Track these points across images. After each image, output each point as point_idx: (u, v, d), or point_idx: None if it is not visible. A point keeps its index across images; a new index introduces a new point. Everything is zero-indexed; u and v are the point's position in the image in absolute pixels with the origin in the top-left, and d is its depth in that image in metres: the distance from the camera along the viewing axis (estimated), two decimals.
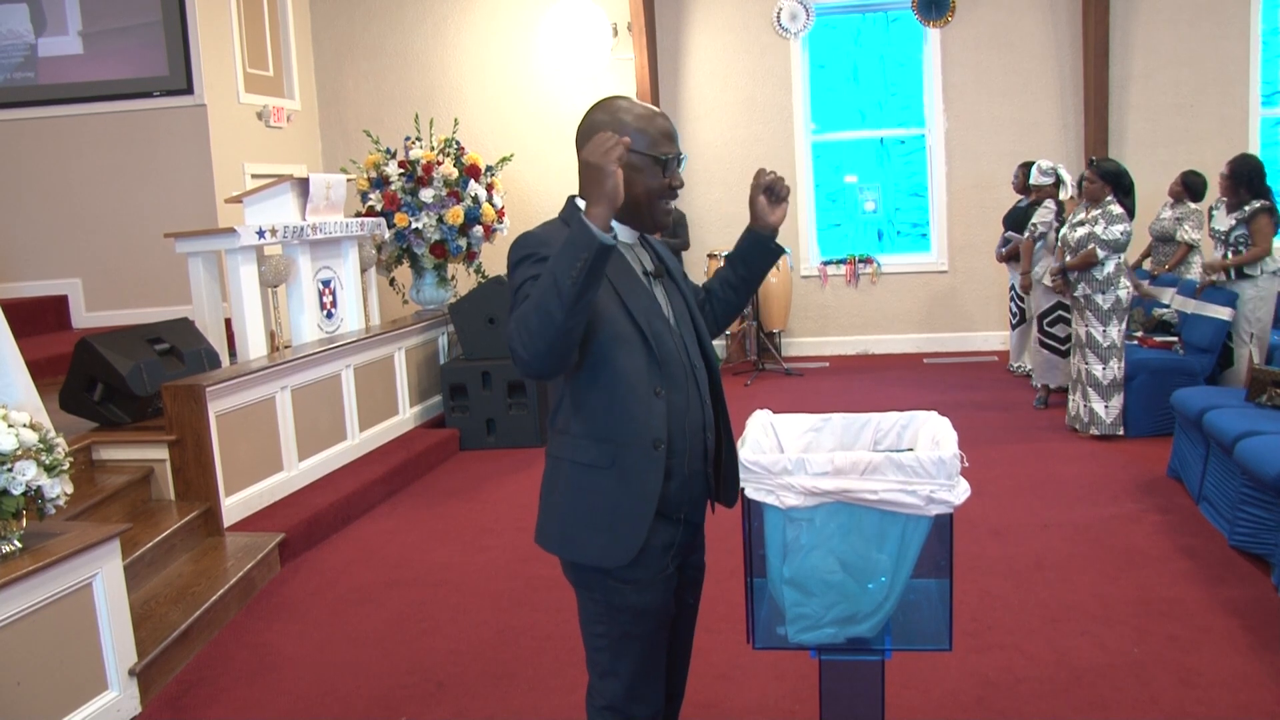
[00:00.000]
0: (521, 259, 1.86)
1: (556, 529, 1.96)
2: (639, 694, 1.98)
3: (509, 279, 1.89)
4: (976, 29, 8.48)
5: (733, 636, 3.34)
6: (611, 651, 1.96)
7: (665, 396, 1.91)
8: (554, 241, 1.81)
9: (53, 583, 2.93)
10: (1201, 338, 5.79)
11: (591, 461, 1.91)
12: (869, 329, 8.95)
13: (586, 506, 1.91)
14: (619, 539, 1.90)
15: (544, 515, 2.00)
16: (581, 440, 1.92)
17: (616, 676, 1.97)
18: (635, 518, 1.89)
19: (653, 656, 1.99)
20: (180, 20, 7.20)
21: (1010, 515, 4.53)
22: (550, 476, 2.00)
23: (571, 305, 1.69)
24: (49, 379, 4.92)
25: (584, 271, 1.69)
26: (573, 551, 1.94)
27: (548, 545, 1.99)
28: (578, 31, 8.62)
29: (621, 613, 1.94)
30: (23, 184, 7.29)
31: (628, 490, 1.89)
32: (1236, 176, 5.79)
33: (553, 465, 1.99)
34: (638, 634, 1.95)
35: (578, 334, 1.76)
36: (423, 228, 7.02)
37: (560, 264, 1.70)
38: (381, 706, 3.16)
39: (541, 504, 2.01)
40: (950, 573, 2.00)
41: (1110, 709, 2.88)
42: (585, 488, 1.92)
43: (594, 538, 1.91)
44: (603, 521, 1.90)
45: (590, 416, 1.90)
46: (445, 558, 4.45)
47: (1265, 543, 3.76)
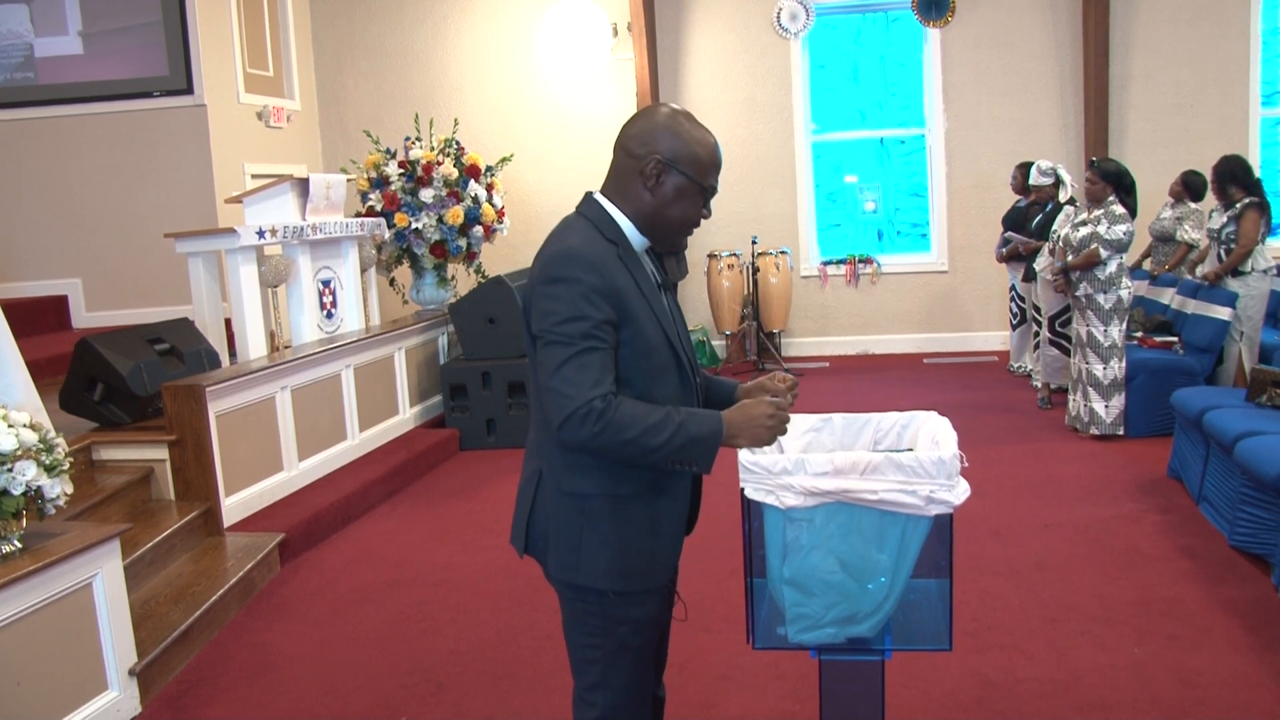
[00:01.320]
0: (567, 279, 1.75)
1: (596, 565, 1.86)
2: (630, 705, 1.98)
3: (546, 288, 1.77)
4: (976, 29, 8.47)
5: (733, 636, 3.34)
6: (604, 664, 1.94)
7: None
8: (605, 265, 1.77)
9: (53, 583, 2.93)
10: (1201, 338, 5.79)
11: (629, 490, 1.86)
12: (869, 329, 8.95)
13: (627, 535, 1.87)
14: (658, 560, 1.91)
15: (568, 553, 1.88)
16: (618, 471, 1.84)
17: (608, 688, 1.95)
18: (673, 537, 1.93)
19: (644, 666, 1.99)
20: (180, 20, 7.20)
21: (1010, 515, 4.53)
22: (571, 515, 1.88)
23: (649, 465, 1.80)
24: (49, 379, 4.92)
25: (684, 468, 1.80)
26: (623, 581, 1.88)
27: (585, 581, 1.88)
28: (578, 31, 8.62)
29: (620, 625, 1.92)
30: (23, 184, 7.28)
31: (665, 512, 1.91)
32: (1220, 177, 5.93)
33: (572, 503, 1.87)
34: (634, 645, 1.95)
35: None
36: (423, 228, 7.02)
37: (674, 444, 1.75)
38: (381, 706, 3.16)
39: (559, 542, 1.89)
40: (950, 573, 2.00)
41: (1110, 709, 2.88)
42: (626, 518, 1.87)
43: (638, 563, 1.89)
44: (645, 546, 1.89)
45: None
46: (445, 558, 4.45)
47: (1265, 543, 3.76)
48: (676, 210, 1.87)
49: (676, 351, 1.90)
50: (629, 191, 1.87)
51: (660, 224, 1.88)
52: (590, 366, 1.72)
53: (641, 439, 1.72)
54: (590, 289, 1.74)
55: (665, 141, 1.83)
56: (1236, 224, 5.77)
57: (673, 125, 1.85)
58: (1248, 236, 5.72)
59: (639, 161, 1.84)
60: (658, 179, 1.84)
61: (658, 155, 1.83)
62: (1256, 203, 5.77)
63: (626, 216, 1.88)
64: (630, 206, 1.88)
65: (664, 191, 1.85)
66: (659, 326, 1.86)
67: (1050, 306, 6.56)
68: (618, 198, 1.89)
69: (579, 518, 1.87)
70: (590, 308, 1.73)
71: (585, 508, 1.87)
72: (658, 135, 1.84)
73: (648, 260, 1.97)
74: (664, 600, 1.99)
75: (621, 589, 1.88)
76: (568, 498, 1.88)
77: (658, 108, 1.89)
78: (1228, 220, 5.83)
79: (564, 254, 1.78)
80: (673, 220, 1.88)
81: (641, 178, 1.85)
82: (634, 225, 1.89)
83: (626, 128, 1.89)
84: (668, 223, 1.88)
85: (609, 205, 1.89)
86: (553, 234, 1.89)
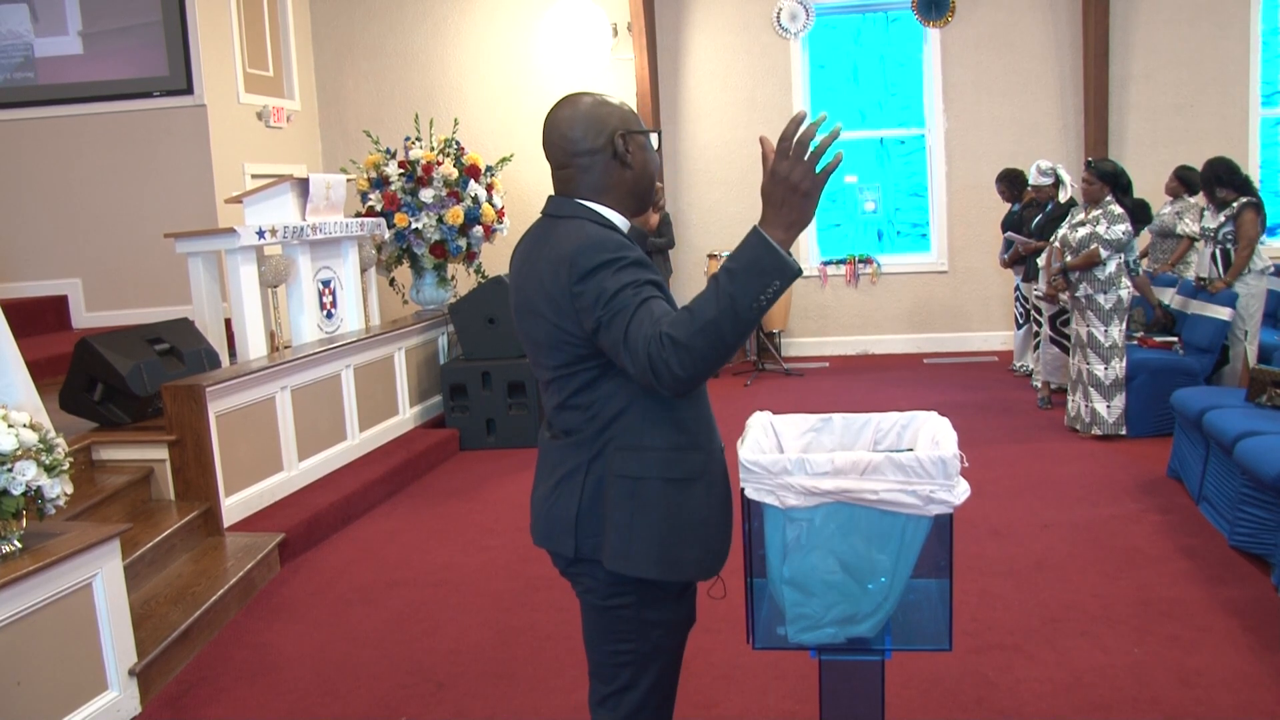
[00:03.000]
0: (603, 264, 1.73)
1: (650, 552, 1.83)
2: (658, 706, 1.96)
3: (584, 284, 1.73)
4: (976, 29, 8.48)
5: (733, 636, 3.34)
6: (636, 667, 1.91)
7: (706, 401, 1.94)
8: (627, 246, 1.77)
9: (53, 583, 2.93)
10: (1201, 338, 5.79)
11: (685, 474, 1.84)
12: (869, 329, 8.95)
13: (683, 522, 1.84)
14: (711, 551, 1.88)
15: (623, 541, 1.84)
16: (670, 454, 1.83)
17: (635, 690, 1.92)
18: (724, 526, 1.90)
19: (673, 667, 1.98)
20: (180, 20, 7.20)
21: (1010, 515, 4.53)
22: (626, 498, 1.83)
23: (746, 331, 1.62)
24: (49, 379, 4.92)
25: (771, 299, 1.60)
26: (675, 571, 1.84)
27: (639, 570, 1.84)
28: (578, 31, 8.62)
29: (655, 628, 1.90)
30: (23, 184, 7.28)
31: (715, 499, 1.88)
32: (1207, 180, 5.98)
33: (628, 485, 1.83)
34: (668, 646, 1.94)
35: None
36: (422, 228, 7.02)
37: (742, 287, 1.59)
38: (381, 706, 3.16)
39: (613, 530, 1.84)
40: (950, 573, 2.00)
41: (1110, 709, 2.88)
42: (680, 503, 1.83)
43: (693, 553, 1.85)
44: (699, 534, 1.86)
45: (680, 428, 1.84)
46: (445, 558, 4.45)
47: (1265, 543, 3.76)
48: (652, 166, 1.93)
49: None
50: (607, 183, 1.89)
51: (647, 186, 1.93)
52: (650, 316, 1.68)
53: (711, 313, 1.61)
54: (629, 262, 1.75)
55: (613, 118, 1.88)
56: (1234, 224, 5.80)
57: (600, 104, 1.90)
58: (1248, 236, 5.75)
59: (604, 150, 1.87)
60: (628, 150, 1.88)
61: (619, 132, 1.87)
62: (1253, 202, 5.81)
63: (611, 207, 1.89)
64: (614, 195, 1.89)
65: (638, 156, 1.90)
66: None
67: (1052, 305, 6.57)
68: (595, 194, 1.89)
69: (631, 502, 1.83)
70: (635, 273, 1.74)
71: (641, 492, 1.83)
72: (605, 117, 1.88)
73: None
74: (694, 599, 1.99)
75: (670, 578, 1.85)
76: (621, 481, 1.84)
77: (573, 102, 1.90)
78: (1225, 220, 5.86)
79: (588, 245, 1.76)
80: (651, 175, 1.94)
81: (616, 159, 1.88)
82: (618, 211, 1.90)
83: (563, 134, 1.88)
84: (650, 180, 1.94)
85: (590, 204, 1.89)
86: (540, 241, 1.87)
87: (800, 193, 1.62)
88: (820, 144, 1.61)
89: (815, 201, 1.64)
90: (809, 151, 1.62)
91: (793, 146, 1.62)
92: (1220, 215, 5.93)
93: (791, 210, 1.63)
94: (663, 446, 1.83)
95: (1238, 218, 5.80)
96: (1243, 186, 5.90)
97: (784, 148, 1.63)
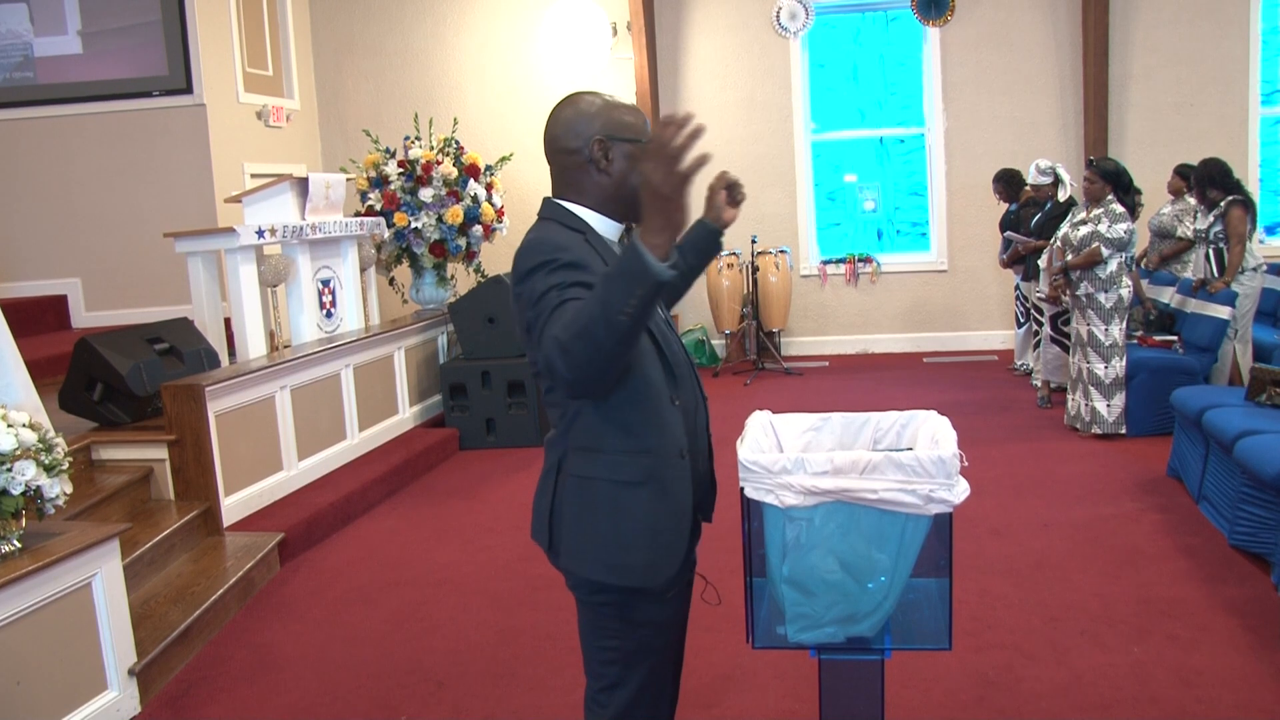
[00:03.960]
0: (538, 265, 1.74)
1: (598, 554, 1.84)
2: (649, 705, 1.95)
3: (522, 286, 1.77)
4: (976, 28, 8.47)
5: (733, 636, 3.34)
6: (623, 665, 1.91)
7: (680, 404, 1.89)
8: (571, 247, 1.76)
9: (52, 583, 2.93)
10: (1201, 337, 5.80)
11: (631, 478, 1.83)
12: (868, 328, 8.95)
13: (628, 527, 1.83)
14: (661, 557, 1.85)
15: (575, 540, 1.86)
16: (618, 456, 1.83)
17: (624, 688, 1.92)
18: (675, 533, 1.86)
19: (664, 667, 1.97)
20: (179, 20, 7.20)
21: (1010, 515, 4.53)
22: (577, 498, 1.86)
23: (624, 337, 1.58)
24: (49, 379, 4.91)
25: (639, 306, 1.55)
26: (618, 575, 1.84)
27: (588, 571, 1.86)
28: (578, 31, 8.62)
29: (641, 627, 1.89)
30: (22, 184, 7.28)
31: (666, 505, 1.85)
32: (1200, 181, 6.07)
33: (580, 486, 1.86)
34: (655, 646, 1.93)
35: (627, 359, 1.66)
36: (422, 227, 7.02)
37: (611, 292, 1.56)
38: (381, 706, 3.16)
39: (568, 529, 1.87)
40: (950, 572, 2.00)
41: (1110, 709, 2.88)
42: (625, 507, 1.83)
43: (637, 558, 1.84)
44: (644, 541, 1.84)
45: (627, 431, 1.82)
46: (445, 558, 4.45)
47: (1265, 542, 3.76)
48: (635, 177, 1.87)
49: (654, 335, 1.87)
50: (584, 185, 1.89)
51: (627, 195, 1.89)
52: (557, 321, 1.67)
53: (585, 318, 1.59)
54: (562, 264, 1.74)
55: (595, 122, 1.86)
56: (1223, 223, 5.89)
57: (593, 107, 1.88)
58: (1238, 233, 5.83)
59: (580, 152, 1.87)
60: (606, 157, 1.86)
61: (596, 137, 1.86)
62: (1239, 200, 5.92)
63: (589, 208, 1.89)
64: (591, 197, 1.89)
65: (616, 166, 1.87)
66: None
67: (1053, 304, 6.57)
68: (574, 195, 1.90)
69: (581, 502, 1.86)
70: (564, 274, 1.73)
71: (589, 493, 1.85)
72: (585, 121, 1.87)
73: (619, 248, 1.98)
74: (683, 601, 1.97)
75: (617, 583, 1.85)
76: (575, 481, 1.86)
77: (571, 100, 1.91)
78: (1214, 220, 5.95)
79: (528, 247, 1.79)
80: (633, 185, 1.89)
81: (591, 164, 1.87)
82: (600, 213, 1.90)
83: (550, 131, 1.91)
84: (633, 191, 1.88)
85: (567, 203, 1.91)
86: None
87: (662, 196, 1.54)
88: (678, 145, 1.52)
89: (678, 205, 1.54)
90: (668, 152, 1.53)
91: (655, 148, 1.54)
92: (1209, 216, 6.00)
93: (658, 215, 1.56)
94: (611, 449, 1.83)
95: (1225, 216, 5.88)
96: (1233, 188, 5.99)
97: (649, 149, 1.57)
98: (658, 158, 1.54)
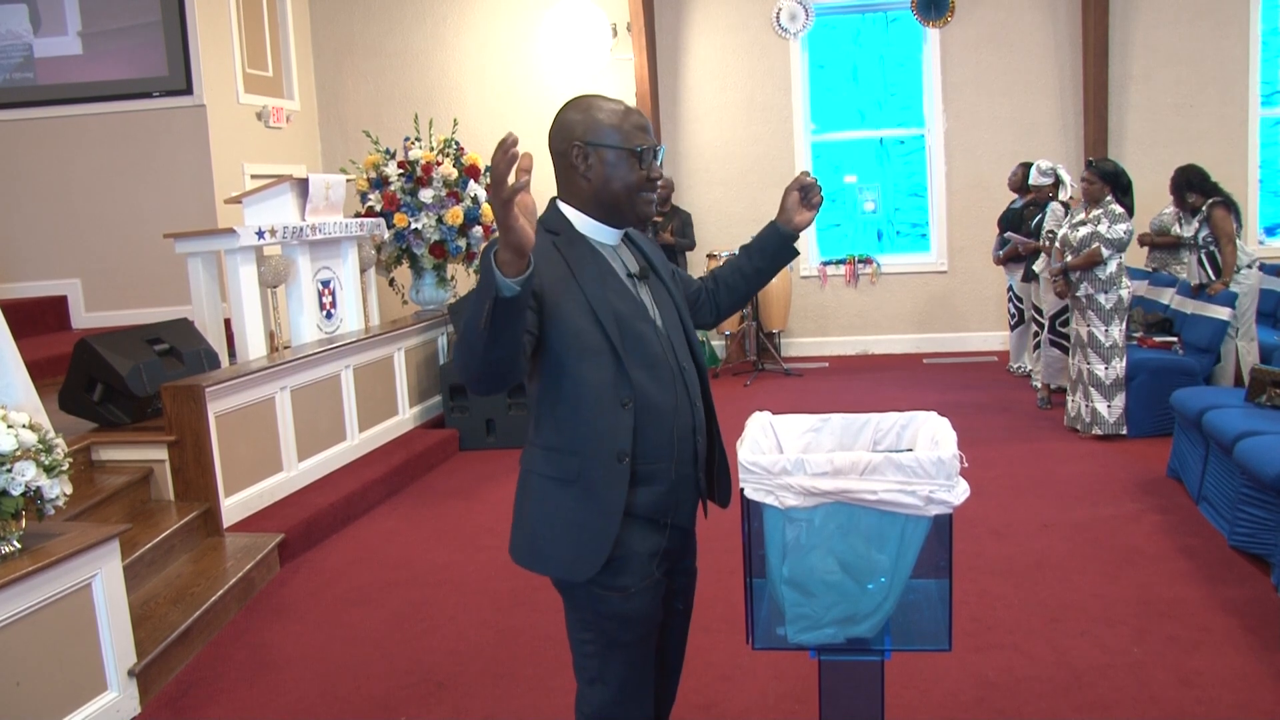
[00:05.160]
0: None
1: (525, 542, 1.96)
2: (627, 701, 1.98)
3: None
4: (976, 29, 8.48)
5: (733, 636, 3.34)
6: (599, 658, 1.96)
7: (632, 407, 1.88)
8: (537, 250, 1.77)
9: (52, 583, 2.93)
10: (1201, 338, 5.80)
11: (556, 475, 1.91)
12: (868, 329, 8.95)
13: (551, 520, 1.91)
14: (583, 553, 1.89)
15: (515, 528, 2.00)
16: (548, 453, 1.92)
17: (604, 683, 1.97)
18: (599, 533, 1.88)
19: (641, 663, 1.99)
20: (180, 20, 7.20)
21: (1010, 515, 4.53)
22: (520, 489, 2.00)
23: (490, 343, 1.62)
24: (49, 379, 4.92)
25: (489, 316, 1.59)
26: (540, 565, 1.94)
27: (517, 558, 1.98)
28: (577, 31, 8.62)
29: (608, 620, 1.93)
30: (22, 184, 7.28)
31: (591, 505, 1.88)
32: (1178, 188, 6.19)
33: (523, 478, 1.99)
34: (626, 641, 1.95)
35: (510, 361, 1.69)
36: (422, 228, 7.01)
37: (472, 302, 1.63)
38: (381, 707, 3.16)
39: (514, 516, 2.02)
40: (950, 573, 2.00)
41: (1110, 709, 2.88)
42: (550, 501, 1.92)
43: (559, 551, 1.91)
44: (567, 536, 1.90)
45: (555, 429, 1.91)
46: (445, 558, 4.45)
47: (1265, 543, 3.76)
48: (617, 182, 1.91)
49: (610, 339, 1.87)
50: (572, 187, 1.95)
51: (609, 200, 1.93)
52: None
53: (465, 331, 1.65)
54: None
55: (579, 127, 1.91)
56: (1208, 226, 5.95)
57: (580, 110, 1.93)
58: (1226, 232, 5.87)
59: (566, 155, 1.92)
60: (586, 161, 1.91)
61: (577, 141, 1.90)
62: (1220, 201, 6.00)
63: (578, 210, 1.95)
64: (578, 199, 1.95)
65: (597, 170, 1.91)
66: (589, 311, 1.86)
67: (1051, 306, 6.57)
68: (567, 196, 1.97)
69: (521, 493, 1.99)
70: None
71: (526, 484, 1.98)
72: (570, 125, 1.92)
73: (624, 251, 2.01)
74: (651, 598, 1.96)
75: (539, 571, 1.95)
76: (521, 473, 2.00)
77: (569, 103, 1.96)
78: (1200, 224, 6.01)
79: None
80: (618, 192, 1.92)
81: (574, 169, 1.92)
82: (589, 216, 1.95)
83: (549, 133, 1.96)
84: (615, 196, 1.92)
85: (562, 204, 1.97)
86: None
87: (497, 217, 1.55)
88: (497, 172, 1.51)
89: (506, 225, 1.53)
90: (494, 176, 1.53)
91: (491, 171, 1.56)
92: (1194, 221, 6.07)
93: (500, 233, 1.58)
94: (542, 445, 1.94)
95: (1209, 219, 5.94)
96: (1211, 191, 6.09)
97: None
98: (491, 182, 1.54)
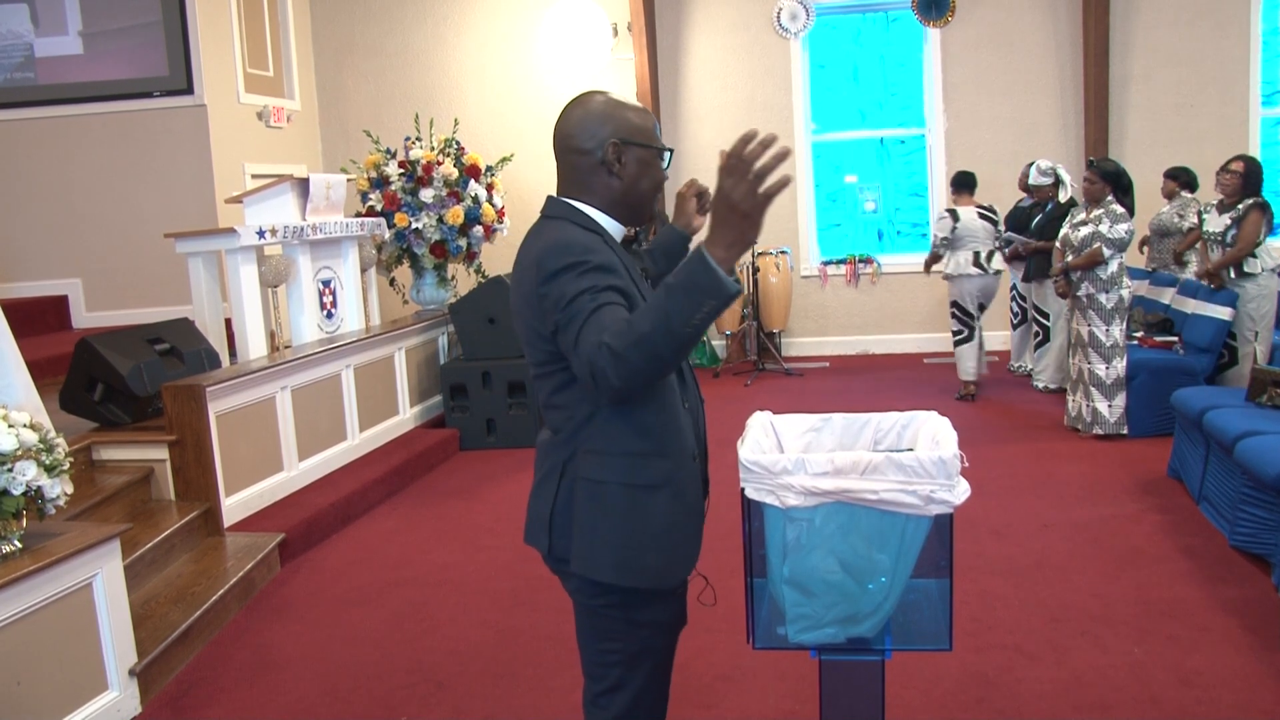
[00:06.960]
0: (566, 267, 1.73)
1: (610, 556, 1.83)
2: (647, 705, 1.96)
3: (548, 286, 1.74)
4: (976, 29, 8.48)
5: (733, 636, 3.34)
6: (624, 666, 1.92)
7: (689, 407, 1.92)
8: (596, 249, 1.76)
9: (53, 583, 2.93)
10: (1201, 337, 5.79)
11: (649, 481, 1.83)
12: (869, 329, 8.95)
13: (644, 529, 1.83)
14: (677, 558, 1.87)
15: (587, 543, 1.84)
16: (631, 459, 1.83)
17: (625, 690, 1.93)
18: (691, 534, 1.89)
19: (665, 668, 1.99)
20: (180, 20, 7.20)
21: (1010, 515, 4.53)
22: (589, 501, 1.84)
23: (683, 348, 1.60)
24: (49, 379, 4.92)
25: (706, 319, 1.57)
26: (632, 577, 1.83)
27: (599, 574, 1.84)
28: (578, 31, 8.62)
29: (643, 628, 1.90)
30: (23, 184, 7.28)
31: (681, 506, 1.87)
32: (1249, 176, 5.85)
33: (592, 489, 1.84)
34: (656, 647, 1.94)
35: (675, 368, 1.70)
36: (423, 228, 7.02)
37: (676, 304, 1.56)
38: (381, 706, 3.16)
39: (578, 532, 1.85)
40: (950, 573, 2.00)
41: (1110, 709, 2.88)
42: (641, 509, 1.83)
43: (653, 560, 1.84)
44: (661, 542, 1.85)
45: (646, 434, 1.83)
46: (445, 558, 4.45)
47: (1265, 543, 3.76)
48: (646, 182, 1.91)
49: None
50: (593, 185, 1.89)
51: (637, 199, 1.91)
52: (599, 323, 1.67)
53: (646, 327, 1.60)
54: (592, 266, 1.74)
55: (610, 125, 1.86)
56: (1239, 226, 5.77)
57: (608, 108, 1.88)
58: (1247, 238, 5.73)
59: (594, 153, 1.86)
60: (619, 161, 1.87)
61: (611, 140, 1.85)
62: (1260, 203, 5.78)
63: (597, 209, 1.89)
64: (599, 198, 1.89)
65: (629, 170, 1.88)
66: None
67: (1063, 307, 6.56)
68: (583, 194, 1.90)
69: (594, 506, 1.84)
70: (596, 278, 1.72)
71: (603, 496, 1.84)
72: (601, 122, 1.86)
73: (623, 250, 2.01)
74: (682, 601, 1.98)
75: (630, 584, 1.84)
76: (586, 485, 1.85)
77: (584, 100, 1.91)
78: (1232, 223, 5.82)
79: (554, 248, 1.77)
80: (646, 192, 1.92)
81: (604, 166, 1.87)
82: (608, 215, 1.90)
83: (562, 129, 1.90)
84: (643, 196, 1.92)
85: (576, 203, 1.90)
86: (526, 242, 1.88)
87: (740, 213, 1.55)
88: (764, 165, 1.52)
89: (756, 223, 1.56)
90: (753, 171, 1.54)
91: (738, 165, 1.55)
92: (1225, 217, 5.89)
93: (731, 230, 1.57)
94: (627, 452, 1.83)
95: (1244, 217, 5.75)
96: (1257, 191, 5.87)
97: (730, 165, 1.56)
98: (739, 175, 1.54)
